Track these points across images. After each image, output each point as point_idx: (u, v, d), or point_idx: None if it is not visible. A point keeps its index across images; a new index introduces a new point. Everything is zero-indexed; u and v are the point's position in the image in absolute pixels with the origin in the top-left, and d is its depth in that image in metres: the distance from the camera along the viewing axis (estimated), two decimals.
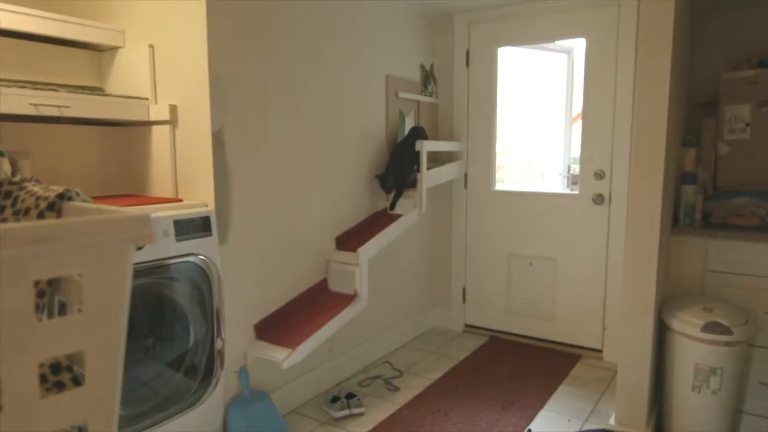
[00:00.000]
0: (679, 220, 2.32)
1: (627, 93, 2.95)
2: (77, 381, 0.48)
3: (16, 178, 0.58)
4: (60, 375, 0.48)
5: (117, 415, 0.43)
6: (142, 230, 0.40)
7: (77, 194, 0.54)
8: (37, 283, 0.37)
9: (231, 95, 2.15)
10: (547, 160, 4.29)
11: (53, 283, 0.52)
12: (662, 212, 2.04)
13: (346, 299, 2.57)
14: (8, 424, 0.36)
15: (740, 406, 2.21)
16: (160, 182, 2.26)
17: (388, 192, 2.96)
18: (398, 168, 2.91)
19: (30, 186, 0.56)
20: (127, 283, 0.41)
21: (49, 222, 0.39)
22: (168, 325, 2.01)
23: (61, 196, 0.52)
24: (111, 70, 2.33)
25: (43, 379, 0.47)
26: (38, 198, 0.53)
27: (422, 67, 3.41)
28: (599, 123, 3.07)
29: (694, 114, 2.57)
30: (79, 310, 0.43)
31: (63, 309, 0.56)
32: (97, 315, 0.39)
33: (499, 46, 3.36)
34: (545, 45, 3.62)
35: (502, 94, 3.45)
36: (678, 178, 2.36)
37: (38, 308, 0.51)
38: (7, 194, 0.55)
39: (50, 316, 0.53)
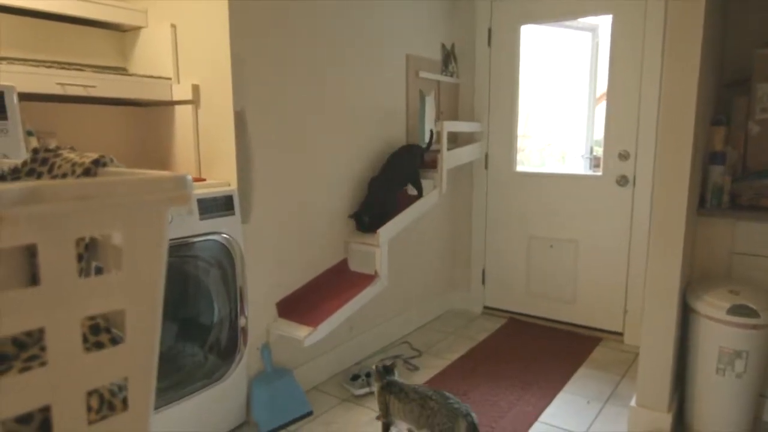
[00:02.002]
0: (706, 201, 2.27)
1: (654, 71, 2.88)
2: (115, 342, 0.49)
3: (52, 146, 0.59)
4: (99, 335, 0.49)
5: (155, 372, 0.43)
6: (179, 191, 0.40)
7: (111, 161, 0.55)
8: (76, 245, 0.38)
9: (252, 75, 2.15)
10: (568, 143, 4.23)
11: (90, 248, 0.53)
12: (689, 193, 2.00)
13: (366, 279, 2.58)
14: (54, 379, 0.37)
15: (765, 390, 2.18)
16: (183, 162, 2.28)
17: (365, 231, 2.62)
18: (376, 203, 2.63)
19: (66, 153, 0.57)
20: (164, 243, 0.41)
21: (90, 180, 0.40)
22: (192, 303, 2.05)
23: (96, 162, 0.53)
24: (134, 50, 2.34)
25: (83, 339, 0.48)
26: (74, 164, 0.54)
27: (443, 46, 3.37)
28: (624, 102, 3.01)
29: (725, 92, 2.50)
30: None
31: (99, 274, 0.57)
32: (136, 274, 0.40)
33: (522, 24, 3.30)
34: (569, 23, 3.55)
35: (524, 74, 3.39)
36: (706, 158, 2.31)
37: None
38: (44, 161, 0.56)
39: None
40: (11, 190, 0.32)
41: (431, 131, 3.00)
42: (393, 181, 2.72)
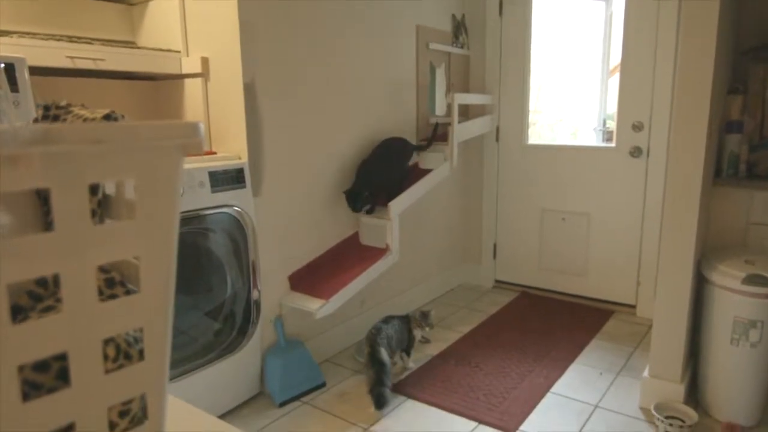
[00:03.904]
0: (722, 171, 2.24)
1: (669, 40, 2.81)
2: (130, 294, 0.49)
3: (63, 103, 0.58)
4: (114, 288, 0.49)
5: (171, 321, 0.44)
6: (192, 138, 0.40)
7: (122, 116, 0.55)
8: (89, 200, 0.38)
9: (261, 46, 2.13)
10: (581, 117, 4.16)
11: (103, 204, 0.53)
12: (705, 162, 1.97)
13: (377, 253, 2.59)
14: (70, 326, 0.37)
15: None
16: None
17: (356, 209, 2.52)
18: (373, 177, 2.54)
19: (77, 110, 0.57)
20: (178, 191, 0.41)
21: (104, 124, 0.39)
22: (206, 276, 2.07)
23: (107, 117, 0.53)
24: (142, 24, 2.33)
25: (99, 292, 0.48)
26: (85, 119, 0.53)
27: (453, 17, 3.31)
28: (639, 72, 2.95)
29: (741, 60, 2.43)
30: None
31: None
32: (151, 221, 0.39)
33: None
34: None
35: (535, 46, 3.33)
36: (722, 127, 2.27)
37: None
38: (55, 117, 0.56)
39: None
40: (25, 130, 0.31)
41: (436, 124, 2.92)
42: (393, 166, 2.63)
